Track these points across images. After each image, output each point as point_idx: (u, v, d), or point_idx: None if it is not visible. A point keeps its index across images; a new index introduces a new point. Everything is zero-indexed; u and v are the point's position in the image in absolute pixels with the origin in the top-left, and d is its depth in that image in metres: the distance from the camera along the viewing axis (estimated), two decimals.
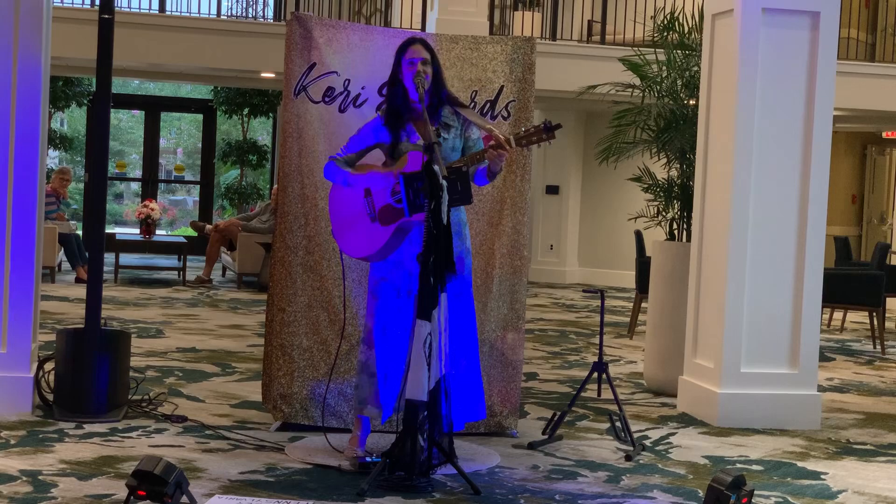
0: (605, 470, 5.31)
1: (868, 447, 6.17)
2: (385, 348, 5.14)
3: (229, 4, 18.02)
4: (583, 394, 6.26)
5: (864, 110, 15.51)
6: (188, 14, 15.68)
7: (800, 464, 5.66)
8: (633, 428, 6.07)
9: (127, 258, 15.40)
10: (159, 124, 21.50)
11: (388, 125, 5.15)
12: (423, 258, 4.75)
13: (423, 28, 14.28)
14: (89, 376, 5.90)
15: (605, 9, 15.57)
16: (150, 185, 20.84)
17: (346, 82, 5.86)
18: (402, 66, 5.13)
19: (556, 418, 5.92)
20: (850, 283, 10.59)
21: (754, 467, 5.52)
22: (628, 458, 5.55)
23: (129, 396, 6.16)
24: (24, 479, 4.63)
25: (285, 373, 5.80)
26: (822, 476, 5.41)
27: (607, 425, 6.23)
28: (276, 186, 9.89)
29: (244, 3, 18.30)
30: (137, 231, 15.51)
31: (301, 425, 5.78)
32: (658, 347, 7.67)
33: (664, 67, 8.09)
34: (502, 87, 5.99)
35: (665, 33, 8.22)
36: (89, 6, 14.60)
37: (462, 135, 5.19)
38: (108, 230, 16.76)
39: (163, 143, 22.96)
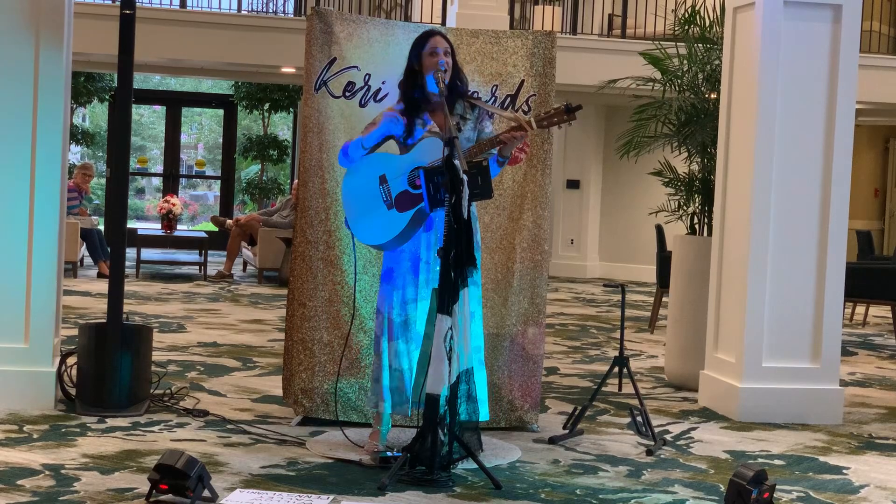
0: (626, 464, 5.30)
1: (890, 442, 6.14)
2: (404, 342, 5.13)
3: (249, 0, 18.05)
4: (603, 388, 6.25)
5: (886, 104, 15.44)
6: (209, 10, 15.72)
7: (822, 458, 5.64)
8: (654, 422, 6.06)
9: (148, 253, 15.45)
10: (180, 120, 21.57)
11: (405, 115, 5.14)
12: (443, 253, 4.74)
13: (444, 22, 14.29)
14: (111, 371, 5.93)
15: (625, 3, 15.54)
16: (171, 181, 20.92)
17: (367, 77, 5.87)
18: (421, 58, 5.13)
19: (576, 413, 5.91)
20: (872, 276, 10.55)
21: (776, 462, 5.51)
22: (649, 452, 5.54)
23: (151, 391, 6.18)
24: (47, 473, 4.65)
25: (306, 367, 5.81)
26: (845, 471, 5.39)
27: (628, 420, 6.21)
28: (296, 181, 9.91)
29: None
30: (159, 226, 15.57)
31: (322, 420, 5.79)
32: (679, 342, 7.65)
33: (685, 61, 8.07)
34: (523, 81, 5.98)
35: (686, 27, 8.19)
36: (110, 2, 14.65)
37: (476, 127, 5.19)
38: (130, 225, 16.82)
39: (184, 138, 23.02)
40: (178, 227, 15.66)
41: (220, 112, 21.78)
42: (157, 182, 23.57)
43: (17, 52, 5.86)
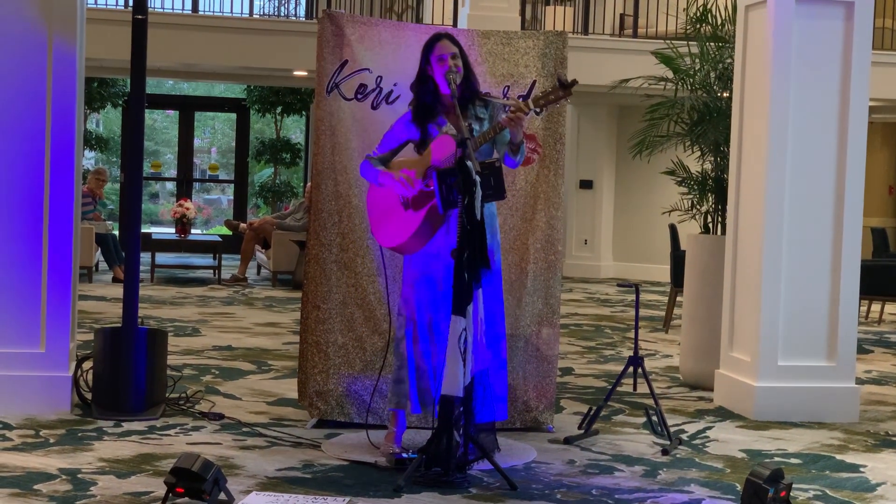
0: (642, 464, 5.29)
1: None
2: (429, 343, 5.14)
3: (261, 3, 18.12)
4: (618, 388, 6.24)
5: None
6: (221, 14, 15.76)
7: (838, 457, 5.62)
8: (670, 422, 6.05)
9: (163, 257, 15.49)
10: (193, 124, 21.61)
11: (416, 121, 5.15)
12: (456, 253, 4.75)
13: (455, 24, 14.29)
14: (127, 375, 5.94)
15: (637, 2, 15.52)
16: (184, 185, 20.96)
17: (379, 79, 5.87)
18: (431, 62, 5.13)
19: (591, 413, 5.91)
20: (887, 274, 10.51)
21: (792, 461, 5.49)
22: (665, 452, 5.53)
23: (167, 394, 6.20)
24: (64, 477, 4.67)
25: (321, 370, 5.82)
26: (861, 469, 5.38)
27: (643, 419, 6.21)
28: (309, 184, 9.92)
29: (276, 1, 18.37)
30: (173, 230, 15.60)
31: (337, 422, 5.79)
32: (694, 341, 7.64)
33: (697, 60, 8.05)
34: (534, 81, 5.98)
35: (698, 26, 8.18)
36: (123, 7, 14.70)
37: (492, 126, 5.18)
38: (144, 230, 16.85)
39: (197, 142, 23.08)
40: (192, 231, 15.70)
41: (233, 116, 21.82)
42: (170, 186, 23.64)
43: (31, 58, 5.88)
